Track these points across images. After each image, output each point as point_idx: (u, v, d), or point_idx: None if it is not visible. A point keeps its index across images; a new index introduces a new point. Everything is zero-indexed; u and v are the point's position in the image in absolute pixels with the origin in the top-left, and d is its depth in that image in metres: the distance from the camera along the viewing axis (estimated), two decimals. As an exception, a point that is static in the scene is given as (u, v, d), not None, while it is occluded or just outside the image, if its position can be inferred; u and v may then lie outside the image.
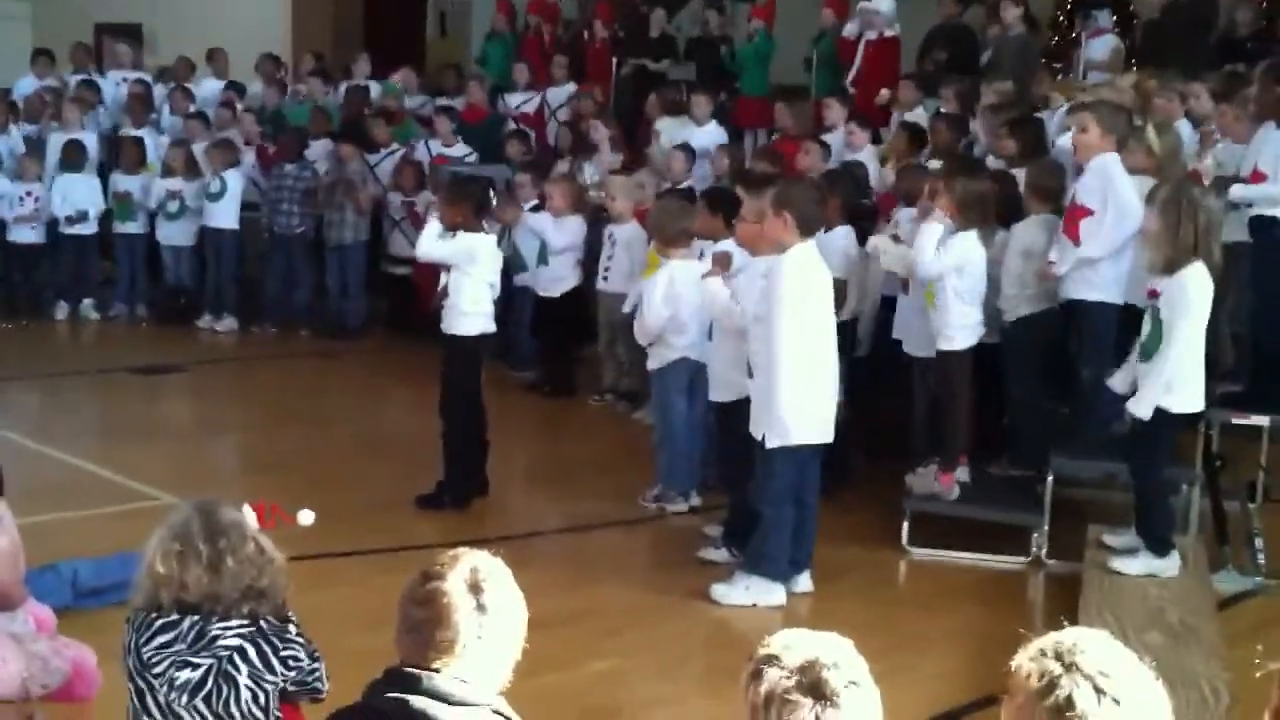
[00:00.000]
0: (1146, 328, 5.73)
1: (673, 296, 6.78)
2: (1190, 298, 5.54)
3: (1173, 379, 5.63)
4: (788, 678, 2.12)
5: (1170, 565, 5.82)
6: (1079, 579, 5.79)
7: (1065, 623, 2.31)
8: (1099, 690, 2.06)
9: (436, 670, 2.45)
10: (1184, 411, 5.73)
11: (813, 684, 2.11)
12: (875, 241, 6.99)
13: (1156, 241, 5.64)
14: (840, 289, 7.14)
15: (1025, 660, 2.14)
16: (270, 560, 3.26)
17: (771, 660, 2.16)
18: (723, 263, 6.13)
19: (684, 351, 6.89)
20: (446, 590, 2.47)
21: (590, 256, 9.45)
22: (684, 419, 6.97)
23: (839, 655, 2.17)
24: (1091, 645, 2.14)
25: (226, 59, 13.37)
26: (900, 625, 5.67)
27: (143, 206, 11.46)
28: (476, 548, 2.62)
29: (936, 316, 6.50)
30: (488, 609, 2.48)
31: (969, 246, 6.41)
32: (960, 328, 6.47)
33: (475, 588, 2.49)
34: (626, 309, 8.05)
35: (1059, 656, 2.11)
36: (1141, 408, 5.64)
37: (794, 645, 2.18)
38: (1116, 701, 2.07)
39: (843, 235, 7.18)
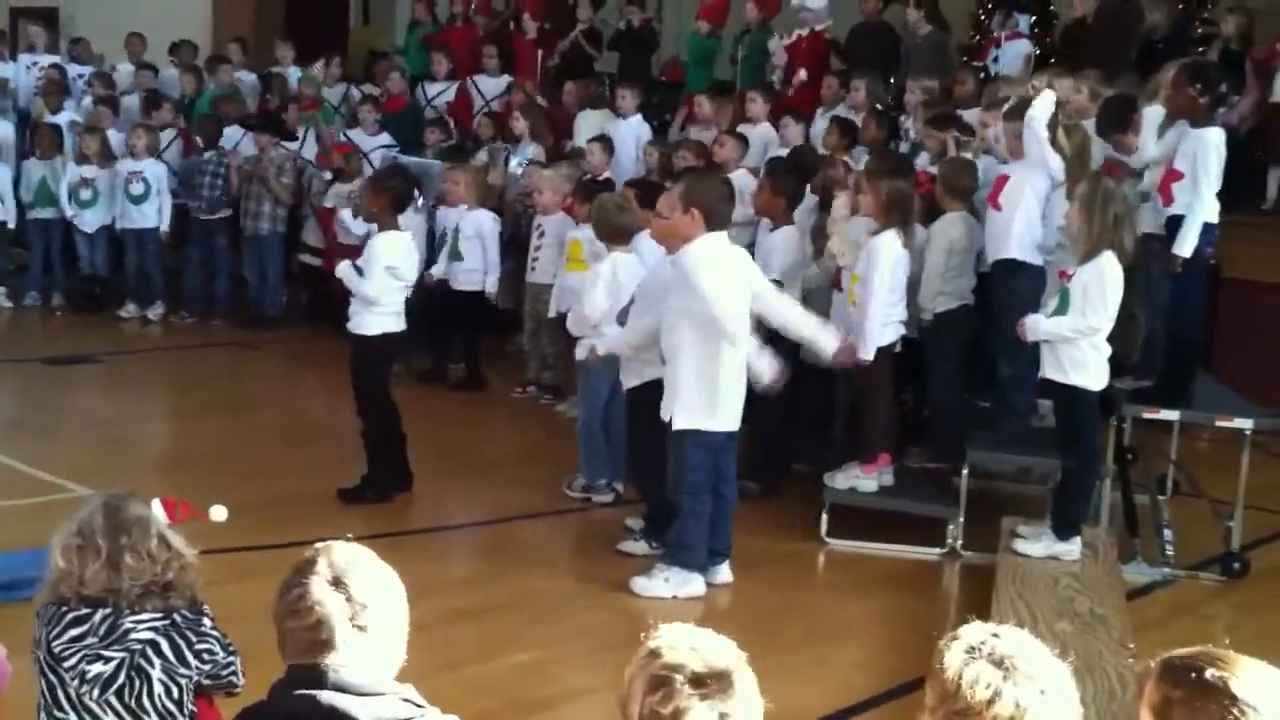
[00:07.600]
0: (1054, 302, 6.03)
1: (614, 288, 6.76)
2: (1105, 287, 5.81)
3: (1086, 360, 5.90)
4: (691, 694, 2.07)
5: (1072, 549, 6.01)
6: (993, 569, 5.89)
7: (972, 617, 2.34)
8: (1043, 691, 2.14)
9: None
10: (1100, 389, 5.99)
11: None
12: (833, 245, 6.94)
13: (1076, 234, 5.95)
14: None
15: (959, 666, 2.16)
16: (177, 556, 3.22)
17: (674, 671, 2.11)
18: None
19: None
20: (311, 593, 2.42)
21: (518, 248, 9.41)
22: (608, 410, 6.95)
23: (736, 680, 2.12)
24: (1018, 646, 2.20)
25: (144, 44, 13.13)
26: (818, 615, 5.73)
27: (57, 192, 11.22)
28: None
29: (857, 313, 6.55)
30: (358, 599, 2.43)
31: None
32: (882, 324, 6.53)
33: (338, 582, 2.43)
34: (553, 313, 8.06)
35: (998, 663, 2.15)
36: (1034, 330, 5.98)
37: (690, 658, 2.12)
38: (1043, 692, 2.16)
39: (784, 236, 7.14)
